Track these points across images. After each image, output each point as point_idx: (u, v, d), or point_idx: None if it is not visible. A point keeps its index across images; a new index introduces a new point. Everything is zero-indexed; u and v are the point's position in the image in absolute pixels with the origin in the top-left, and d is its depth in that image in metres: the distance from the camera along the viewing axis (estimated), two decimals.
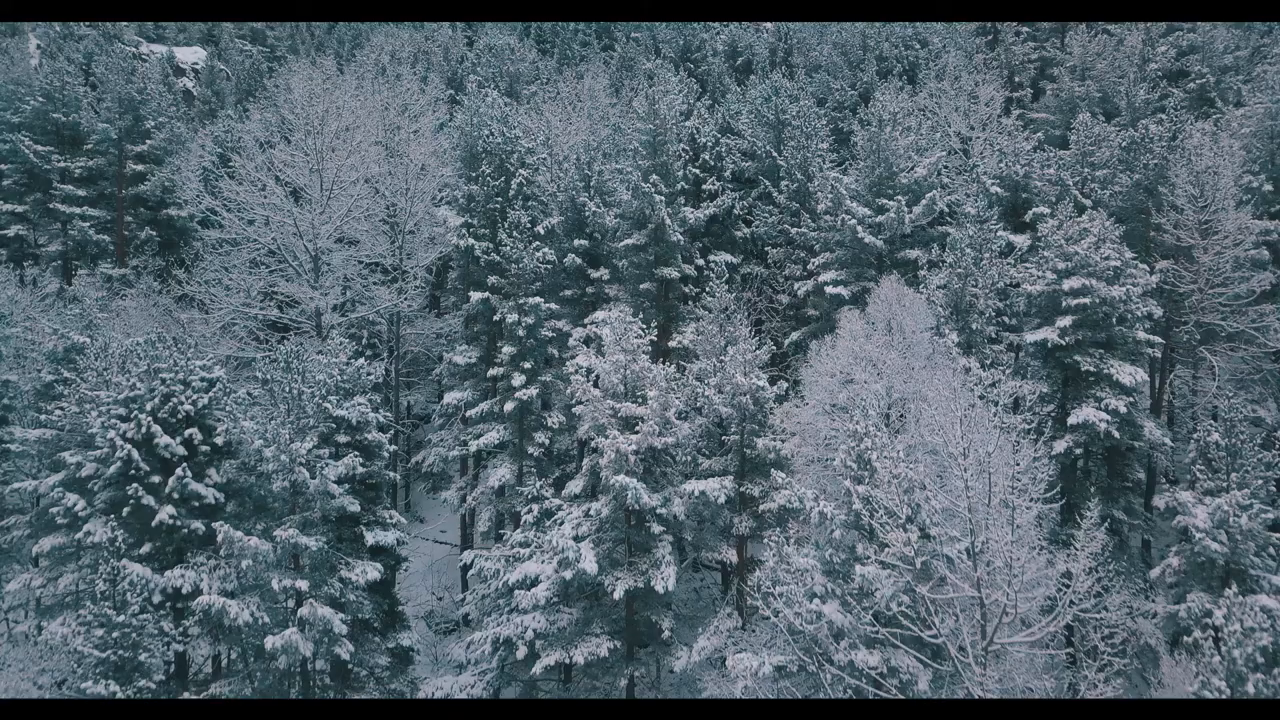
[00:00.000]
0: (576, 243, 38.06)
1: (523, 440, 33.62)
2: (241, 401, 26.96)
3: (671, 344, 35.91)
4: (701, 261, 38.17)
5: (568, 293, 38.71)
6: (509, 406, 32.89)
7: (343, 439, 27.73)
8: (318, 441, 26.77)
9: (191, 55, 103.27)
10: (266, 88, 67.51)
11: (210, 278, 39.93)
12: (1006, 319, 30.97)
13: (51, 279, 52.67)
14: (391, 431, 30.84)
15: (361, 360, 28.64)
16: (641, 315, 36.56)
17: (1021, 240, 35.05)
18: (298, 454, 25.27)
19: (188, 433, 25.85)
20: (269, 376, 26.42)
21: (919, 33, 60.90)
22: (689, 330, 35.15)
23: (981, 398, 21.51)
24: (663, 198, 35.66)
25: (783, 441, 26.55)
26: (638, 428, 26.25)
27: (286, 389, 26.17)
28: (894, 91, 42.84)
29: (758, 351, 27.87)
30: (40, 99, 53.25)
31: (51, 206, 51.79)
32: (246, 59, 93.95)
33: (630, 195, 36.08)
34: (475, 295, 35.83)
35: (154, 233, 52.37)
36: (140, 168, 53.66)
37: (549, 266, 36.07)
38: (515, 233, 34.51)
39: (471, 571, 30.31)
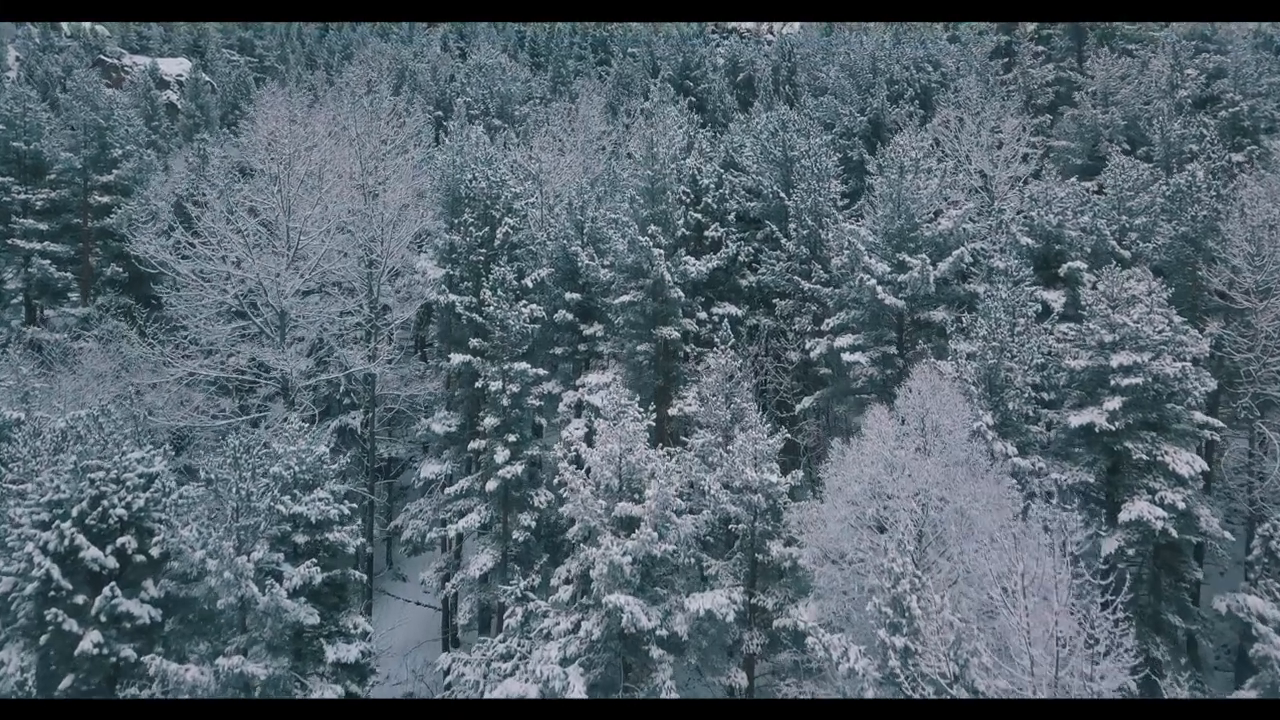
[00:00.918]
0: (568, 296, 34.98)
1: (507, 521, 30.41)
2: (184, 500, 23.71)
3: (672, 411, 32.69)
4: (704, 315, 34.94)
5: (558, 350, 35.62)
6: (491, 485, 29.67)
7: (301, 538, 24.63)
8: (271, 545, 23.66)
9: (176, 67, 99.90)
10: (247, 111, 64.17)
11: (174, 324, 36.59)
12: (1045, 394, 27.75)
13: (10, 318, 49.50)
14: (359, 520, 27.60)
15: (324, 448, 25.39)
16: (638, 377, 33.48)
17: (1055, 297, 31.82)
18: (244, 569, 22.10)
19: (120, 541, 22.61)
20: (214, 475, 23.23)
21: (931, 54, 57.69)
22: (690, 395, 31.93)
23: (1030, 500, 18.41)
24: (662, 251, 32.45)
25: (800, 547, 23.37)
26: (634, 532, 23.06)
27: (234, 489, 23.02)
28: (912, 131, 39.53)
29: (770, 440, 24.69)
30: None
31: (11, 241, 48.66)
32: (233, 70, 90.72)
33: (627, 247, 32.86)
34: (456, 357, 32.71)
35: (120, 269, 49.23)
36: (106, 199, 50.53)
37: (538, 324, 32.94)
38: (500, 290, 31.36)
39: (449, 678, 27.18)
